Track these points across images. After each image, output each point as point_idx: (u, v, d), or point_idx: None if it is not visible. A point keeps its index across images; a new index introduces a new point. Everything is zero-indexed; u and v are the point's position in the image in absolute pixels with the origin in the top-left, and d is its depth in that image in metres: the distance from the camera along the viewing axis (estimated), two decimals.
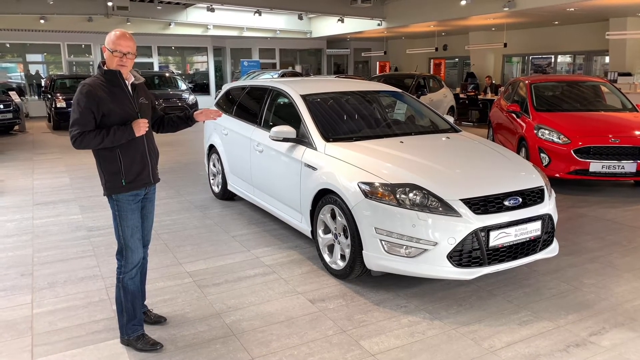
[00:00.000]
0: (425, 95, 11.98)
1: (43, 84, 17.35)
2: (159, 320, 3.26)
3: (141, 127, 2.86)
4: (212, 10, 15.37)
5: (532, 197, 3.68)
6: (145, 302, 3.30)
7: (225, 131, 5.86)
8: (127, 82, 2.90)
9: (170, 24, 17.88)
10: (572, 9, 12.14)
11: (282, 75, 15.26)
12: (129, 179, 2.88)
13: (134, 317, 2.97)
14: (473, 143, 4.47)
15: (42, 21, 16.05)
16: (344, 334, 3.12)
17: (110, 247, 4.66)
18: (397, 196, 3.48)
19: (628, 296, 3.63)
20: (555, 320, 3.29)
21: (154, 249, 4.59)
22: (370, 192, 3.56)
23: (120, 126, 2.80)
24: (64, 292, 3.72)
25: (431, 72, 19.81)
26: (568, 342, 3.02)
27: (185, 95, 15.37)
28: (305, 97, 4.73)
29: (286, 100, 4.96)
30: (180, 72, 21.53)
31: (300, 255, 4.44)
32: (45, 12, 15.43)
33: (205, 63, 21.71)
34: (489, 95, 14.44)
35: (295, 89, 4.90)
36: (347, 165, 3.89)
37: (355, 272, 3.75)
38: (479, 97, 14.79)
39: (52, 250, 4.60)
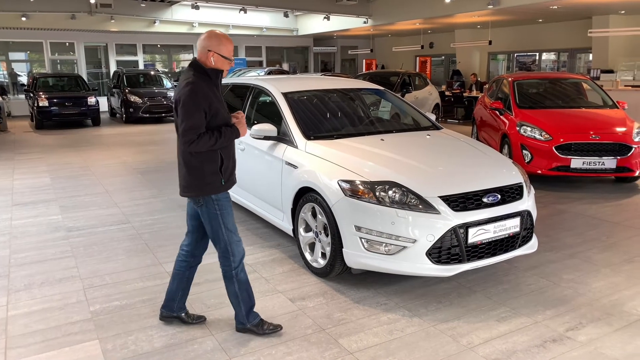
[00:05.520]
0: (410, 93, 12.01)
1: (25, 83, 17.13)
2: (200, 319, 3.24)
3: (244, 126, 2.93)
4: (197, 7, 15.27)
5: (510, 193, 3.70)
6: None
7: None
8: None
9: (155, 22, 17.72)
10: (555, 7, 12.25)
11: (269, 73, 15.22)
12: (226, 178, 2.90)
13: (251, 304, 3.04)
14: (453, 140, 4.48)
15: (23, 19, 15.81)
16: (323, 333, 3.11)
17: (89, 247, 4.61)
18: (377, 194, 3.47)
19: (605, 291, 3.67)
20: (533, 316, 3.31)
21: (134, 249, 4.55)
22: (350, 190, 3.55)
23: (227, 127, 2.84)
24: (41, 294, 3.67)
25: (417, 70, 19.87)
26: (545, 338, 3.04)
27: (171, 93, 15.27)
28: (286, 95, 4.71)
29: (268, 98, 4.93)
30: (166, 70, 21.37)
31: (281, 254, 4.43)
32: (27, 9, 15.22)
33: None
34: (474, 93, 14.52)
35: (277, 87, 4.87)
36: (327, 163, 3.87)
37: (335, 270, 3.74)
38: (464, 94, 14.87)
39: (30, 251, 4.53)
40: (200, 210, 2.92)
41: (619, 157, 6.31)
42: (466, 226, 3.40)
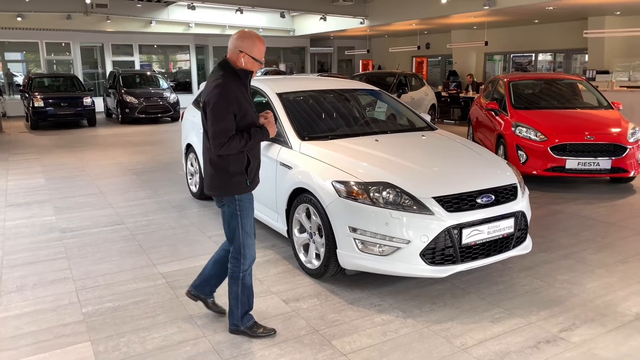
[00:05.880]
0: (406, 94, 12.01)
1: (21, 83, 17.07)
2: (222, 311, 3.27)
3: (274, 126, 2.90)
4: (193, 8, 15.23)
5: (505, 194, 3.69)
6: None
7: (202, 130, 5.78)
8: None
9: (151, 22, 17.68)
10: (551, 8, 12.27)
11: (265, 74, 15.19)
12: (251, 178, 2.90)
13: (248, 308, 3.05)
14: (447, 141, 4.48)
15: (19, 19, 15.75)
16: (316, 334, 3.10)
17: (82, 248, 4.58)
18: (371, 195, 3.47)
19: (599, 292, 3.67)
20: (527, 316, 3.31)
21: (128, 250, 4.53)
22: (344, 191, 3.54)
23: (256, 128, 2.82)
24: (33, 295, 3.64)
25: (413, 71, 19.88)
26: (539, 339, 3.04)
27: (167, 94, 15.27)
28: (281, 95, 4.70)
29: (263, 98, 4.92)
30: (163, 70, 21.33)
31: (276, 255, 4.41)
32: (22, 9, 15.15)
33: (188, 61, 21.53)
34: (471, 94, 14.54)
35: (272, 87, 4.86)
36: (321, 164, 3.86)
37: (329, 271, 3.73)
38: (460, 95, 14.89)
39: (23, 252, 4.51)
40: (221, 209, 2.94)
41: (613, 158, 6.32)
42: (460, 227, 3.39)
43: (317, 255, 3.85)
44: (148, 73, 16.70)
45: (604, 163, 6.33)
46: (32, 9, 15.12)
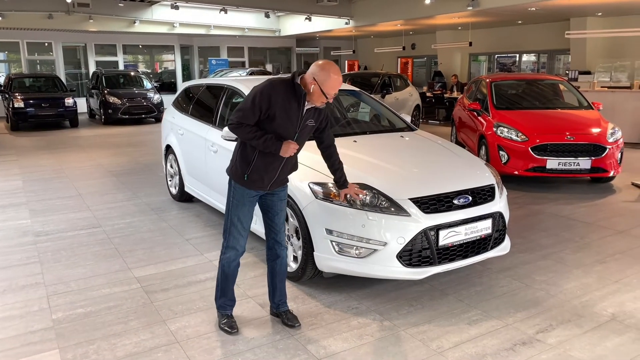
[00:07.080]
0: (390, 94, 12.00)
1: (2, 83, 16.78)
2: (291, 325, 3.18)
3: (289, 151, 2.85)
4: (177, 8, 15.08)
5: (482, 195, 3.68)
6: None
7: (181, 131, 5.72)
8: (306, 104, 2.87)
9: (135, 22, 17.48)
10: (534, 9, 12.35)
11: (251, 74, 15.09)
12: (250, 178, 2.94)
13: (224, 295, 3.15)
14: (426, 142, 4.46)
15: None
16: (291, 339, 3.05)
17: (57, 252, 4.48)
18: (348, 196, 3.43)
19: (576, 292, 3.67)
20: (504, 318, 3.29)
21: (103, 254, 4.44)
22: (322, 192, 3.50)
23: (272, 138, 2.81)
24: (2, 302, 3.54)
25: (399, 71, 19.91)
26: (515, 341, 3.02)
27: (150, 94, 15.11)
28: None
29: (241, 99, 4.86)
30: (149, 71, 21.12)
31: (254, 258, 4.36)
32: (2, 8, 14.88)
33: (173, 62, 21.34)
34: (455, 94, 14.59)
35: (249, 88, 4.78)
36: (299, 165, 3.80)
37: (307, 274, 3.68)
38: (445, 95, 14.93)
39: None
40: None
41: (593, 158, 6.36)
42: (437, 228, 3.37)
43: (295, 258, 3.80)
44: (132, 73, 16.51)
45: (584, 163, 6.37)
46: (13, 8, 14.87)
